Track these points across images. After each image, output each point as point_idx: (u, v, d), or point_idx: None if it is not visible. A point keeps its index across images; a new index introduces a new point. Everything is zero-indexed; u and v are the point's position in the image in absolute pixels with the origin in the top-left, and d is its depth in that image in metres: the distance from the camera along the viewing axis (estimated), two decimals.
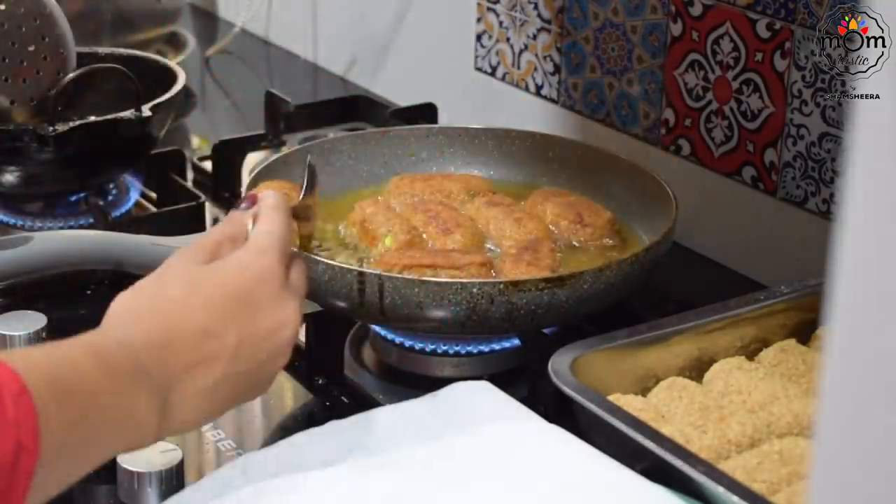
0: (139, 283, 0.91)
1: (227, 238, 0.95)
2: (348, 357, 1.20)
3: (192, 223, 1.39)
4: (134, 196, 1.47)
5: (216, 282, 0.90)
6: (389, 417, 0.99)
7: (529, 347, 1.14)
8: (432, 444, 0.96)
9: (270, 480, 0.93)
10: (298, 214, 1.14)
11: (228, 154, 1.55)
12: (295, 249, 1.01)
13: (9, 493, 0.73)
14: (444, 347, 1.17)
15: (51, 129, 1.34)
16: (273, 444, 0.96)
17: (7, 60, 1.36)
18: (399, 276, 1.09)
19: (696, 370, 1.08)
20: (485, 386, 1.02)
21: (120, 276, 1.15)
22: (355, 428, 0.98)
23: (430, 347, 1.17)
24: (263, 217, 0.96)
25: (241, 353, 0.89)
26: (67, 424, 0.78)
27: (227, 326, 0.89)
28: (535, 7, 1.55)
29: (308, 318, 1.20)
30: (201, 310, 0.88)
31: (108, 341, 0.85)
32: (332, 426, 0.98)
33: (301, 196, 1.13)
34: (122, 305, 0.90)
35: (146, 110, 1.38)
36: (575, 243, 1.25)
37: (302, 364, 1.19)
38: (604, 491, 0.91)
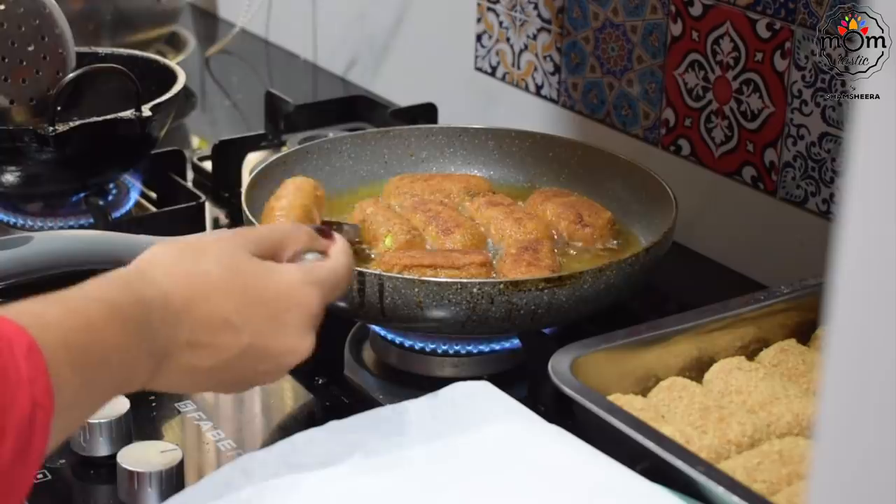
0: (184, 241, 0.92)
1: (291, 244, 0.96)
2: (348, 357, 1.20)
3: (192, 223, 1.39)
4: (134, 196, 1.47)
5: (259, 281, 0.91)
6: (390, 417, 0.99)
7: (529, 347, 1.14)
8: (432, 445, 0.96)
9: (270, 481, 0.93)
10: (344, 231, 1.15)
11: (228, 154, 1.55)
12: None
13: (27, 450, 0.74)
14: (444, 347, 1.17)
15: (51, 129, 1.34)
16: (273, 444, 0.96)
17: (7, 60, 1.36)
18: (399, 276, 1.09)
19: (696, 370, 1.08)
20: (485, 386, 1.02)
21: None
22: (355, 428, 0.98)
23: (430, 347, 1.17)
24: (334, 253, 0.98)
25: (246, 355, 0.90)
26: (79, 384, 0.78)
27: (247, 325, 0.90)
28: (535, 7, 1.55)
29: None
30: (232, 299, 0.89)
31: (126, 296, 0.85)
32: (332, 426, 0.98)
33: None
34: (161, 257, 0.90)
35: (146, 110, 1.38)
36: (575, 244, 1.25)
37: (302, 364, 1.19)
38: (603, 491, 0.91)
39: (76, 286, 0.83)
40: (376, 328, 1.19)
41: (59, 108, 1.37)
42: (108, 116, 1.37)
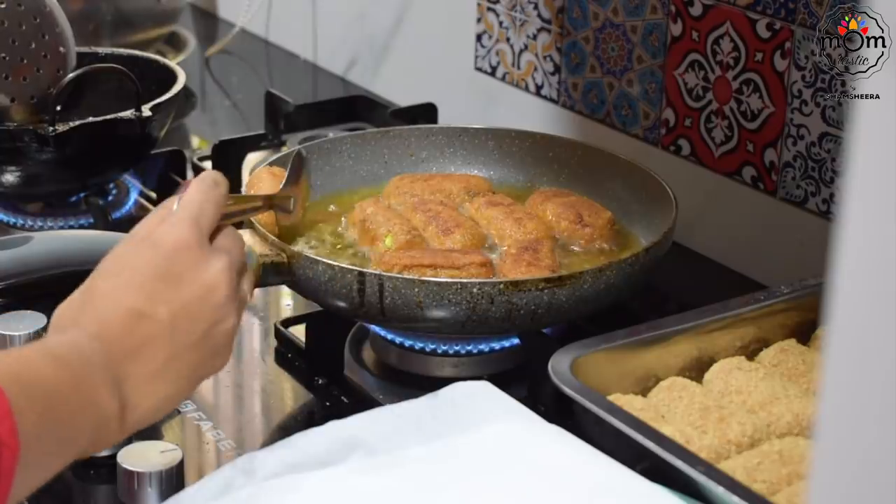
0: (83, 284, 0.92)
1: (156, 220, 0.94)
2: (348, 357, 1.20)
3: None
4: (134, 196, 1.47)
5: (136, 263, 0.90)
6: (390, 417, 0.99)
7: (529, 347, 1.14)
8: (432, 444, 0.96)
9: (271, 481, 0.93)
10: (276, 204, 1.14)
11: (228, 154, 1.55)
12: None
13: None
14: (444, 347, 1.17)
15: (51, 129, 1.34)
16: (273, 444, 0.96)
17: (7, 58, 1.36)
18: (399, 276, 1.09)
19: (696, 370, 1.08)
20: (485, 386, 1.02)
21: None
22: (355, 427, 0.98)
23: (430, 347, 1.17)
24: (185, 191, 0.95)
25: (177, 327, 0.89)
26: (38, 417, 0.78)
27: (154, 305, 0.88)
28: (535, 7, 1.55)
29: (308, 318, 1.20)
30: (128, 293, 0.88)
31: (56, 340, 0.86)
32: (333, 426, 0.98)
33: (281, 185, 1.13)
34: (63, 306, 0.90)
35: (146, 110, 1.38)
36: (576, 245, 1.25)
37: (302, 364, 1.19)
38: (603, 491, 0.91)
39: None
40: (376, 328, 1.19)
41: (59, 108, 1.37)
42: (108, 116, 1.37)
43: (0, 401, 0.76)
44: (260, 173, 1.25)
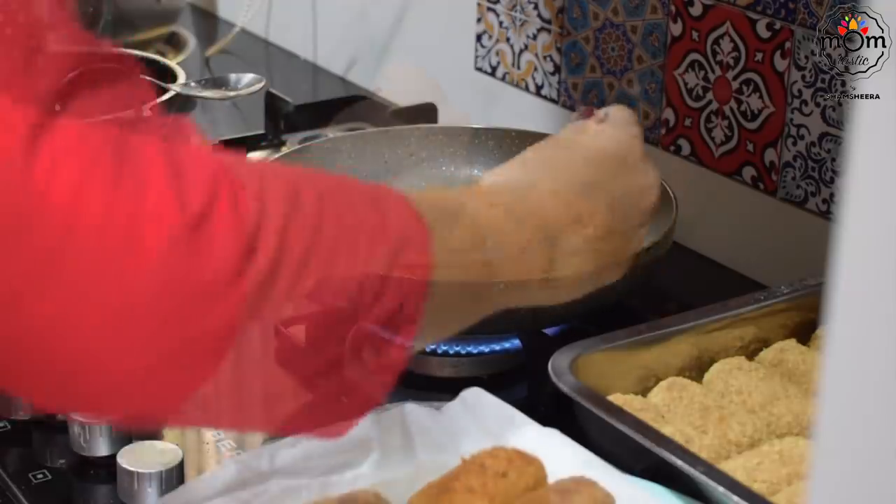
0: (508, 163, 0.94)
1: (580, 128, 0.99)
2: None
3: None
4: None
5: (591, 144, 0.96)
6: (393, 419, 0.99)
7: (529, 347, 1.14)
8: (436, 451, 0.96)
9: (271, 481, 0.93)
10: None
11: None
12: None
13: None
14: (444, 347, 1.17)
15: None
16: (284, 440, 0.96)
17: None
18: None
19: (696, 370, 1.08)
20: (479, 393, 1.02)
21: None
22: (368, 427, 0.98)
23: (430, 347, 1.17)
24: (613, 108, 1.02)
25: (616, 209, 0.94)
26: (461, 244, 0.78)
27: (606, 180, 0.93)
28: (535, 7, 1.55)
29: (308, 319, 1.20)
30: (584, 165, 0.93)
31: (501, 195, 0.87)
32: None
33: None
34: (510, 170, 0.93)
35: (146, 110, 1.38)
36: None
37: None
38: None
39: None
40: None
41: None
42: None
43: (421, 224, 0.75)
44: None
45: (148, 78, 1.39)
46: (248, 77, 1.42)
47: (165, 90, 1.43)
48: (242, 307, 0.63)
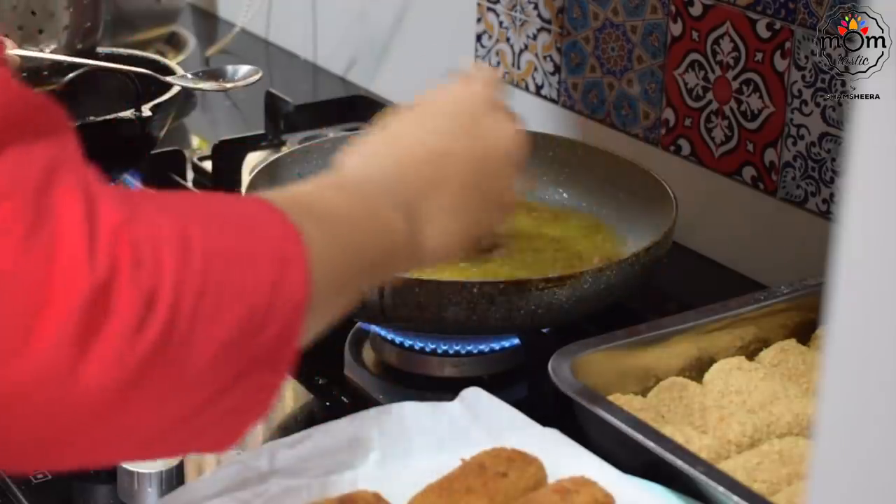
0: (361, 139, 0.94)
1: (436, 91, 0.99)
2: (348, 357, 1.20)
3: None
4: None
5: (436, 108, 0.95)
6: (399, 418, 0.99)
7: (529, 347, 1.14)
8: (441, 456, 0.97)
9: (272, 481, 0.93)
10: None
11: (228, 154, 1.55)
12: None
13: (283, 281, 0.72)
14: (444, 347, 1.17)
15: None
16: (287, 438, 0.96)
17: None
18: (399, 276, 1.09)
19: (696, 370, 1.08)
20: (488, 396, 1.02)
21: None
22: (370, 427, 0.98)
23: (430, 347, 1.17)
24: (472, 69, 1.01)
25: (474, 168, 0.92)
26: (330, 246, 0.78)
27: (455, 143, 0.92)
28: (535, 7, 1.55)
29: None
30: (429, 133, 0.92)
31: (347, 179, 0.87)
32: (347, 423, 0.98)
33: None
34: (352, 154, 0.92)
35: (146, 110, 1.38)
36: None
37: (302, 364, 1.19)
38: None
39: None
40: (376, 328, 1.19)
41: None
42: (108, 116, 1.37)
43: (273, 209, 0.75)
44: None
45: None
46: (244, 69, 1.42)
47: (164, 84, 1.42)
48: (142, 366, 0.65)
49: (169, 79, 1.40)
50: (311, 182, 0.85)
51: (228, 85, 1.40)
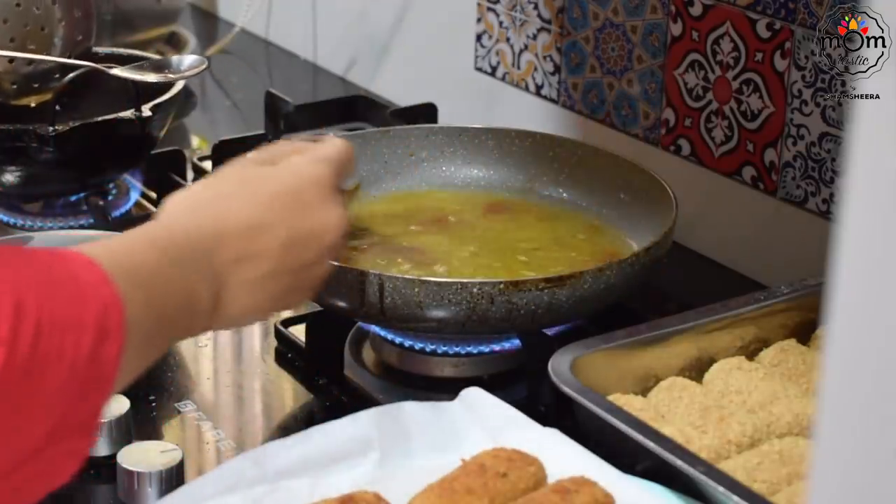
0: (192, 184, 0.95)
1: (289, 150, 0.99)
2: (348, 357, 1.20)
3: None
4: (134, 196, 1.47)
5: (269, 180, 0.94)
6: (400, 417, 0.99)
7: (529, 347, 1.14)
8: (442, 457, 0.97)
9: (281, 482, 0.93)
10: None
11: (228, 154, 1.54)
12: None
13: (103, 347, 0.74)
14: (444, 347, 1.17)
15: (51, 129, 1.34)
16: (286, 438, 0.96)
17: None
18: (399, 276, 1.09)
19: (696, 370, 1.08)
20: (479, 393, 1.02)
21: None
22: (371, 426, 0.98)
23: (430, 347, 1.17)
24: (326, 141, 1.02)
25: (288, 249, 0.92)
26: (142, 305, 0.79)
27: (276, 221, 0.92)
28: (535, 7, 1.55)
29: (308, 318, 1.20)
30: (253, 205, 0.92)
31: (165, 232, 0.88)
32: (347, 422, 0.98)
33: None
34: (176, 202, 0.92)
35: (146, 110, 1.38)
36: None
37: (302, 364, 1.19)
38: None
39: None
40: (376, 328, 1.19)
41: (58, 108, 1.37)
42: (108, 116, 1.37)
43: (97, 270, 0.77)
44: None
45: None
46: (189, 59, 1.42)
47: (113, 78, 1.41)
48: None
49: (115, 71, 1.39)
50: (135, 235, 0.86)
51: (173, 76, 1.40)
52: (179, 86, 1.44)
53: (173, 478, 0.99)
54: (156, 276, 0.83)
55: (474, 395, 1.02)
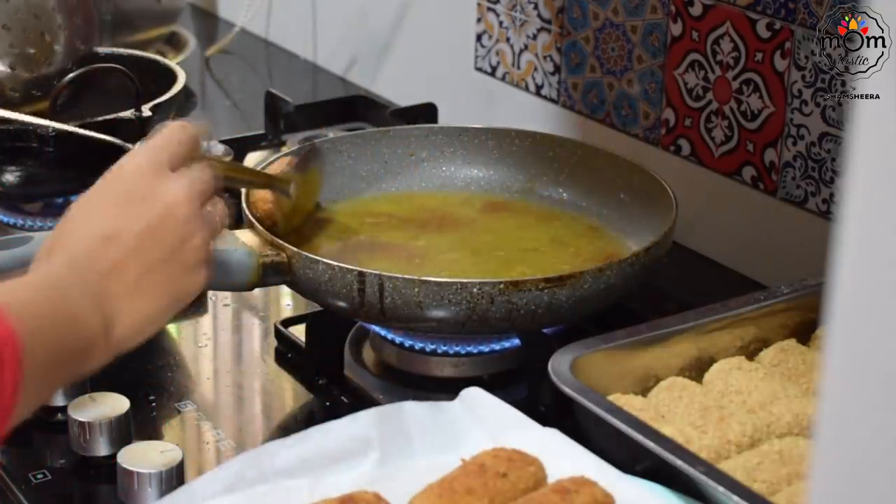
0: (63, 218, 0.97)
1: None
2: (348, 357, 1.20)
3: None
4: None
5: (100, 191, 0.96)
6: (399, 417, 0.99)
7: (529, 347, 1.14)
8: (442, 457, 0.96)
9: (282, 482, 0.93)
10: (276, 185, 1.19)
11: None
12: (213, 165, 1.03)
13: None
14: (444, 347, 1.17)
15: (51, 129, 1.34)
16: (287, 437, 0.96)
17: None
18: (399, 276, 1.09)
19: (696, 370, 1.08)
20: (480, 393, 1.02)
21: None
22: (371, 427, 0.98)
23: (430, 347, 1.17)
24: (156, 130, 1.02)
25: (143, 246, 0.93)
26: (39, 347, 0.82)
27: (119, 227, 0.93)
28: (535, 7, 1.55)
29: (308, 318, 1.20)
30: (94, 220, 0.93)
31: (34, 273, 0.91)
32: (348, 422, 0.98)
33: (285, 169, 1.16)
34: (43, 242, 0.95)
35: (146, 110, 1.38)
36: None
37: (302, 364, 1.19)
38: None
39: None
40: (376, 328, 1.19)
41: (58, 108, 1.37)
42: (108, 116, 1.37)
43: (10, 333, 0.79)
44: (278, 163, 1.26)
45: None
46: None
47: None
48: None
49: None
50: (8, 283, 0.87)
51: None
52: (179, 85, 1.44)
53: (173, 478, 0.99)
54: (43, 312, 0.84)
55: (474, 395, 1.02)
